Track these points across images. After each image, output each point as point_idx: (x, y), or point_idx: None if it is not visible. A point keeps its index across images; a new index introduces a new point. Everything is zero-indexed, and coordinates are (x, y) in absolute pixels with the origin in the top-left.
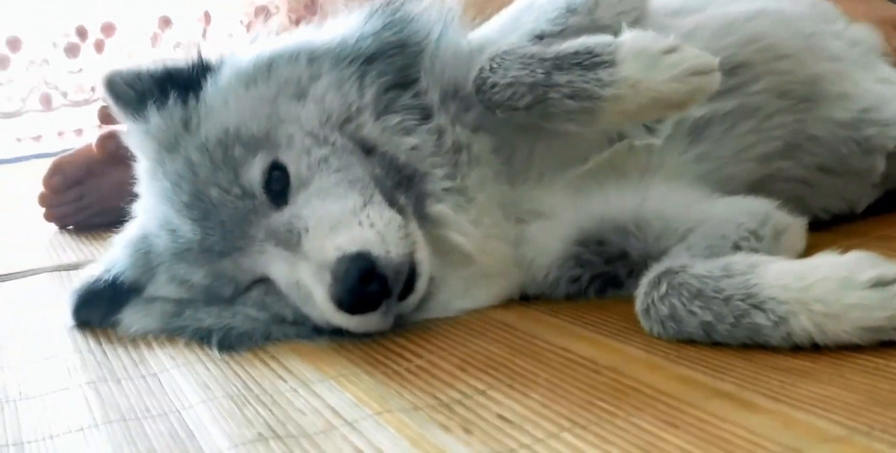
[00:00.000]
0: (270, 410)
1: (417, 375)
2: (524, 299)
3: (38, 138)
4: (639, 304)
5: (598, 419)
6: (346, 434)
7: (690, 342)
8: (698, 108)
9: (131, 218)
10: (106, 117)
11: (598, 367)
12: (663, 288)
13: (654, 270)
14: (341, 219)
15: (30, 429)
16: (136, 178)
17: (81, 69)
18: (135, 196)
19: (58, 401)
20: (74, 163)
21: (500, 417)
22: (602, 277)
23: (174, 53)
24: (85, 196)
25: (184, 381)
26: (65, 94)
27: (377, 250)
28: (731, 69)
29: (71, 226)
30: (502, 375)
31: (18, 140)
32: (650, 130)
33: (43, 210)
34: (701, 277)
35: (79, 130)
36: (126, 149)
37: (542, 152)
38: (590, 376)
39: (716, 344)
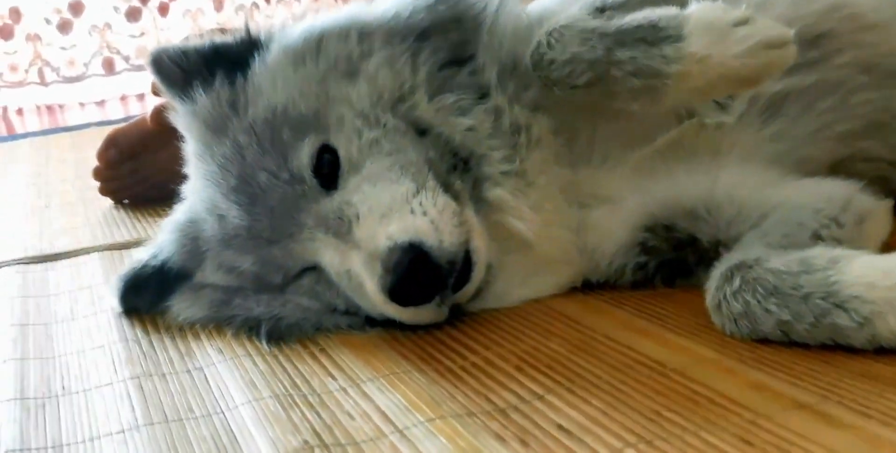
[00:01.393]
0: (318, 413)
1: (472, 374)
2: (586, 287)
3: (101, 103)
4: (710, 299)
5: (665, 433)
6: (395, 442)
7: (766, 342)
8: (773, 84)
9: (181, 199)
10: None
11: (665, 370)
12: (736, 283)
13: (726, 262)
14: (393, 207)
15: (70, 429)
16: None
17: (143, 33)
18: (186, 174)
19: (101, 398)
20: (129, 136)
21: (560, 427)
22: (670, 265)
23: (236, 18)
24: (140, 170)
25: (230, 378)
26: (126, 59)
27: (430, 240)
28: (812, 40)
29: (126, 201)
30: (561, 377)
31: (82, 104)
32: (722, 107)
33: (98, 184)
34: (777, 272)
35: (140, 95)
36: None
37: (605, 133)
38: (656, 380)
39: (793, 345)
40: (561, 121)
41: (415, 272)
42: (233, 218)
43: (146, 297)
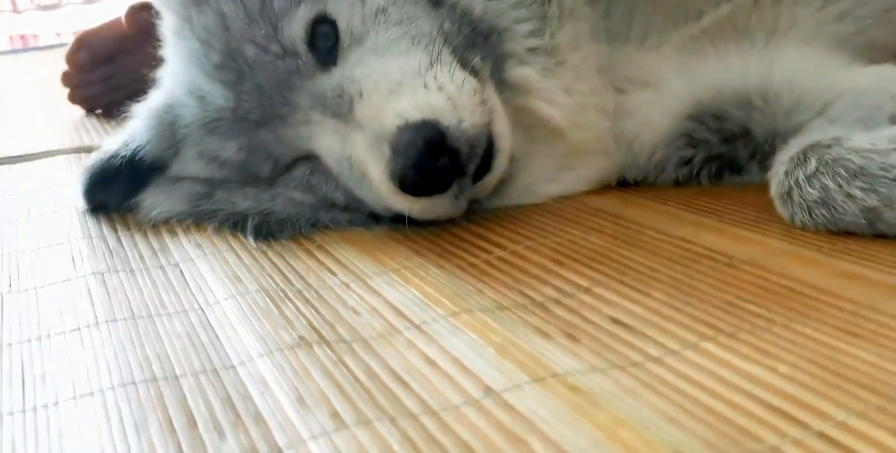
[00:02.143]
0: (315, 308)
1: (500, 269)
2: (622, 185)
3: (78, 33)
4: (776, 187)
5: (748, 325)
6: (411, 339)
7: (846, 234)
8: None
9: (156, 86)
10: None
11: (732, 261)
12: (811, 165)
13: (797, 144)
14: (403, 81)
15: (13, 329)
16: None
17: None
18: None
19: (55, 296)
20: (102, 38)
21: (614, 321)
22: (718, 159)
23: None
24: (115, 75)
25: (210, 273)
26: None
27: (448, 118)
28: None
29: (99, 110)
30: (609, 270)
31: (58, 35)
32: None
33: (67, 91)
34: (863, 152)
35: None
36: None
37: (645, 6)
38: (724, 271)
39: (879, 238)
40: None
41: (429, 154)
42: (216, 98)
43: (116, 192)
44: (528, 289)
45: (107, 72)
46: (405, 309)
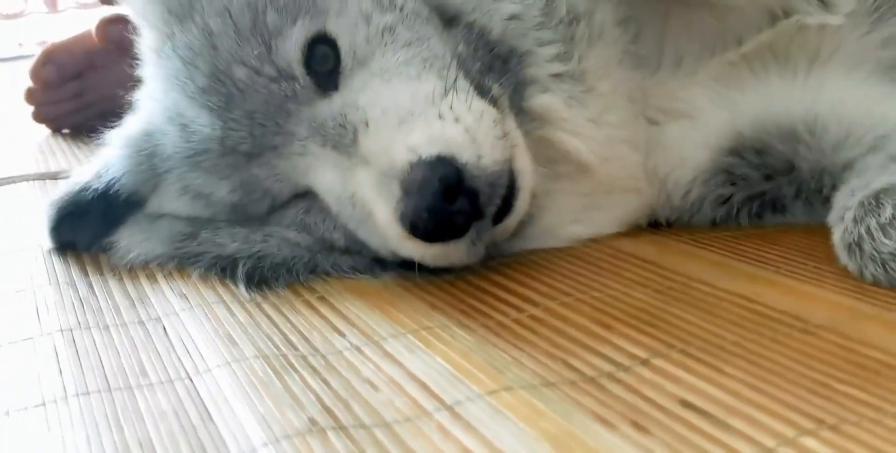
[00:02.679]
0: (325, 381)
1: (535, 331)
2: (653, 226)
3: (42, 43)
4: (841, 235)
5: (853, 415)
6: (444, 424)
7: None
8: None
9: (132, 109)
10: None
11: (807, 326)
12: (887, 211)
13: (862, 186)
14: (414, 110)
15: None
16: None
17: None
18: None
19: (16, 358)
20: (71, 52)
21: (685, 404)
22: (759, 198)
23: None
24: (84, 93)
25: (198, 332)
26: None
27: (466, 154)
28: None
29: (66, 130)
30: (667, 336)
31: (20, 45)
32: (825, 5)
33: (31, 109)
34: None
35: None
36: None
37: (680, 30)
38: (802, 340)
39: None
40: (628, 10)
41: (446, 196)
42: (201, 126)
43: (86, 230)
44: (573, 358)
45: (75, 89)
46: (432, 383)
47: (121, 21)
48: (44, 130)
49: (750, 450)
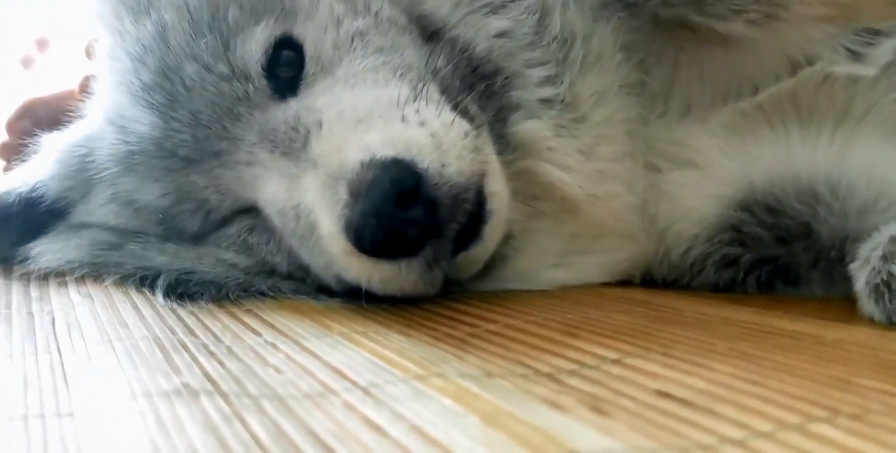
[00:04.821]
0: (220, 363)
1: (489, 340)
2: (647, 284)
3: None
4: (866, 278)
5: (880, 405)
6: (351, 401)
7: None
8: None
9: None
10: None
11: (823, 340)
12: None
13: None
14: (375, 111)
15: None
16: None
17: None
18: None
19: None
20: (51, 107)
21: (662, 394)
22: (771, 263)
23: None
24: None
25: (90, 320)
26: None
27: (427, 159)
28: None
29: None
30: (648, 342)
31: None
32: (856, 56)
33: (2, 164)
34: None
35: None
36: None
37: (691, 71)
38: (817, 349)
39: None
40: (633, 41)
41: (398, 201)
42: (140, 125)
43: (5, 237)
44: (529, 359)
45: None
46: (349, 371)
47: None
48: None
49: (738, 434)
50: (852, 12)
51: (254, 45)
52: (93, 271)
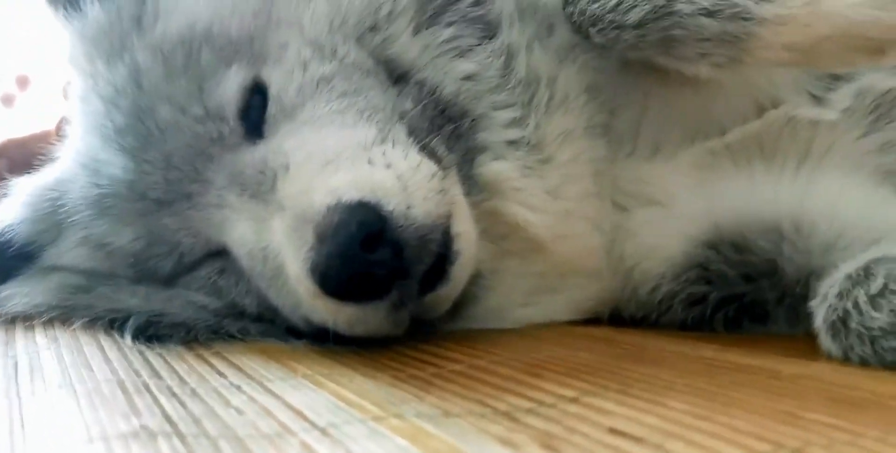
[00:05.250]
0: (182, 404)
1: (452, 380)
2: (614, 323)
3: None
4: (825, 314)
5: (823, 439)
6: (307, 441)
7: None
8: (886, 77)
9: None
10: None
11: (778, 374)
12: (878, 281)
13: (850, 266)
14: (343, 153)
15: None
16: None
17: None
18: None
19: None
20: (26, 148)
21: (614, 432)
22: (738, 301)
23: None
24: None
25: (54, 363)
26: None
27: (393, 202)
28: None
29: None
30: (606, 380)
31: None
32: (818, 100)
33: None
34: None
35: None
36: None
37: (659, 112)
38: (771, 384)
39: None
40: (599, 81)
41: (364, 244)
42: (113, 168)
43: None
44: (489, 398)
45: None
46: (309, 411)
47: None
48: None
49: None
50: (813, 57)
51: (228, 88)
52: (62, 314)
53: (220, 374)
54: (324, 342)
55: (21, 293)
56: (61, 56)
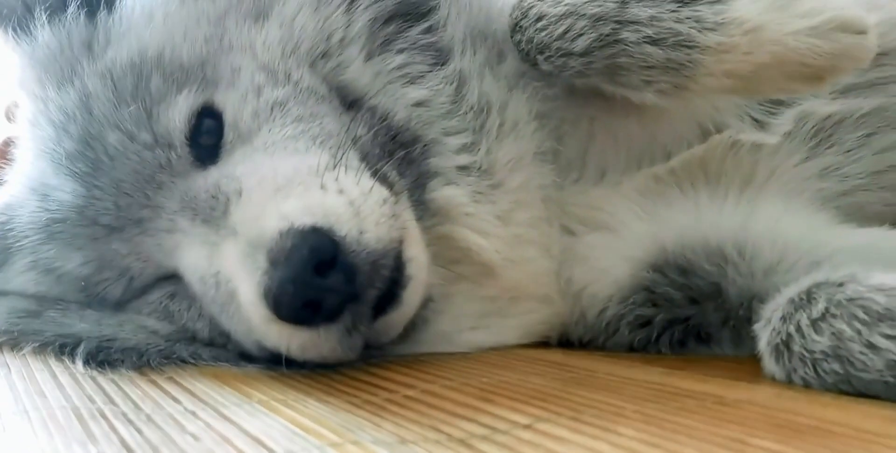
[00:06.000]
0: (139, 431)
1: (406, 406)
2: (564, 344)
3: None
4: (767, 338)
5: None
6: None
7: None
8: (825, 103)
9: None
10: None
11: (724, 400)
12: (819, 305)
13: (793, 289)
14: (295, 179)
15: None
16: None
17: None
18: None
19: None
20: None
21: None
22: (683, 324)
23: None
24: None
25: (6, 391)
26: None
27: (346, 227)
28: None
29: None
30: (558, 407)
31: None
32: (760, 125)
33: None
34: (891, 290)
35: None
36: None
37: (605, 138)
38: (718, 409)
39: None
40: (548, 109)
41: (317, 268)
42: (62, 194)
43: None
44: (443, 425)
45: None
46: (266, 438)
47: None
48: None
49: None
50: (754, 84)
51: (177, 114)
52: (10, 340)
53: (175, 400)
54: (277, 366)
55: None
56: (5, 78)
